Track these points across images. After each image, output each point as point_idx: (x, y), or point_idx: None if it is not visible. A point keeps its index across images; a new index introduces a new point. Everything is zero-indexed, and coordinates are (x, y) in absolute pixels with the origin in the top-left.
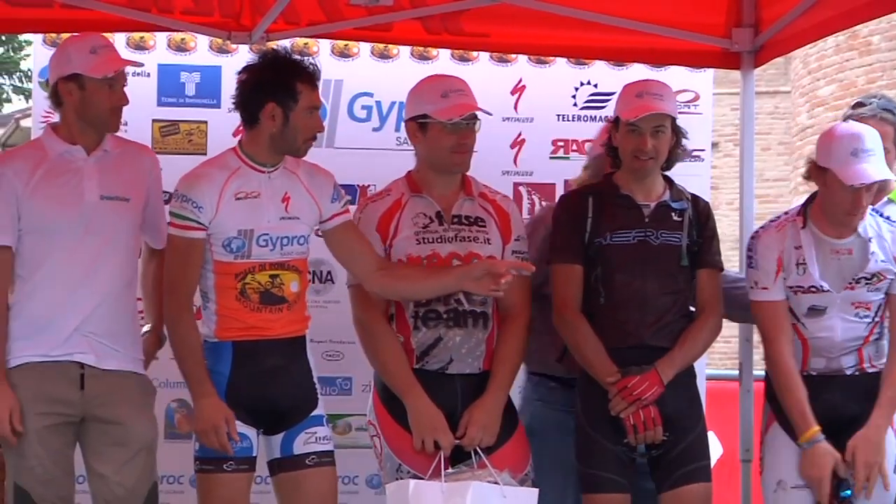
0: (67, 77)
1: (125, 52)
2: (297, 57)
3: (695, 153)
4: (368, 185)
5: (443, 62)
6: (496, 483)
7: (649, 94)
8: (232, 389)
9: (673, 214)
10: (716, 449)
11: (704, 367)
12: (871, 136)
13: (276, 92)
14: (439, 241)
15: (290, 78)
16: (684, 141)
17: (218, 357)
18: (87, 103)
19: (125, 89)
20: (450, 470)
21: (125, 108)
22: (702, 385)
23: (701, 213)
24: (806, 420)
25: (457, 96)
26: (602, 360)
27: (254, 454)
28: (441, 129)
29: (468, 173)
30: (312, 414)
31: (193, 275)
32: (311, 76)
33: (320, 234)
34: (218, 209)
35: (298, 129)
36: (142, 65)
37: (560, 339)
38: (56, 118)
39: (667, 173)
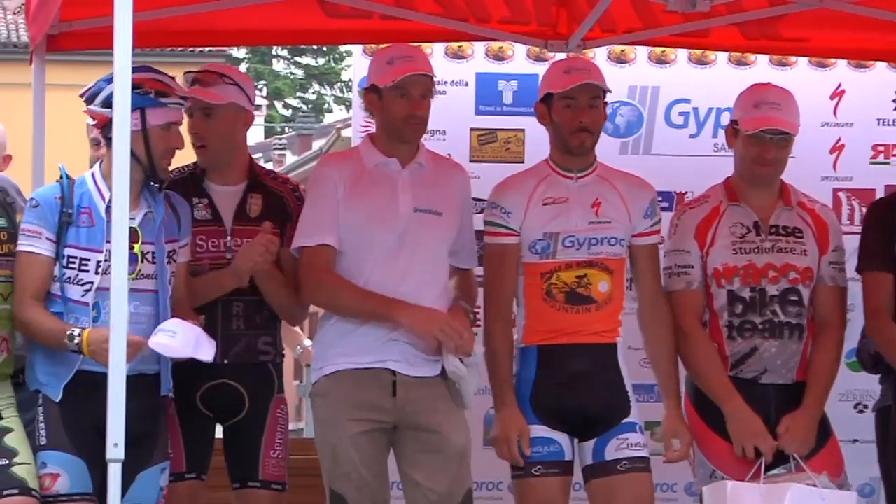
0: (369, 88)
1: (443, 62)
2: None
3: None
4: (685, 192)
5: (761, 68)
6: (815, 486)
7: None
8: (536, 395)
9: None
10: None
11: None
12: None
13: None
14: (756, 251)
15: None
16: None
17: (524, 363)
18: (384, 113)
19: (438, 99)
20: (767, 474)
21: (443, 117)
22: None
23: None
24: None
25: (768, 109)
26: None
27: (565, 458)
28: (745, 138)
29: (787, 181)
30: (625, 420)
31: (509, 281)
32: None
33: None
34: (526, 213)
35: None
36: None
37: None
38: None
39: None
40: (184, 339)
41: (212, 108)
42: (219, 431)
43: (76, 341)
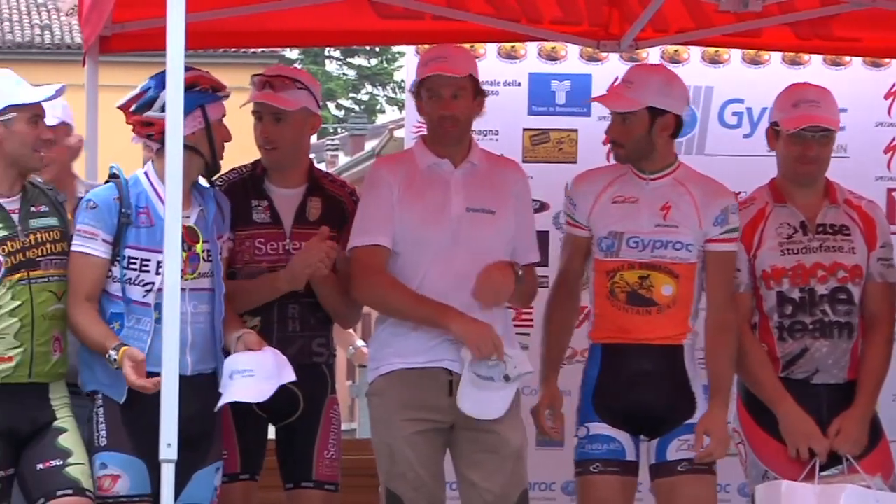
0: (415, 91)
1: (496, 62)
2: None
3: None
4: (739, 192)
5: (815, 67)
6: (869, 487)
7: None
8: (598, 393)
9: None
10: None
11: None
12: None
13: None
14: (804, 251)
15: None
16: None
17: (590, 360)
18: (426, 112)
19: (492, 99)
20: (821, 475)
21: (496, 118)
22: None
23: None
24: None
25: (807, 107)
26: None
27: (627, 458)
28: (787, 137)
29: (834, 179)
30: (688, 422)
31: (574, 269)
32: None
33: None
34: (592, 209)
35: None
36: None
37: None
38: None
39: None
40: (265, 372)
41: (282, 113)
42: (270, 432)
43: (115, 367)
